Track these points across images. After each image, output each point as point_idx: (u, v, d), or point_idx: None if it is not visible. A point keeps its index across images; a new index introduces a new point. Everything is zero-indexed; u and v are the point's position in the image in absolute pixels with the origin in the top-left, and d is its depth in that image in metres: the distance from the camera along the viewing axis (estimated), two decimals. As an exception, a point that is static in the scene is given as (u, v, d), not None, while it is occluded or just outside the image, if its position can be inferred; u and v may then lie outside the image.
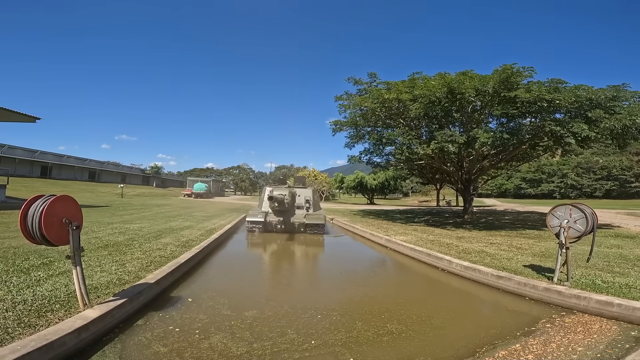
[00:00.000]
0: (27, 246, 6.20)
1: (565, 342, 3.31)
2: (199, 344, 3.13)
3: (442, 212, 23.96)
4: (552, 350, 3.15)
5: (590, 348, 3.17)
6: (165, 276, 4.89)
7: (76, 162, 50.97)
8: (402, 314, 4.08)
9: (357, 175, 43.60)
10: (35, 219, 3.03)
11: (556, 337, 3.45)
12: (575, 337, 3.44)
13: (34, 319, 3.03)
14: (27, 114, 16.06)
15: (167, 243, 7.45)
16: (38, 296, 3.59)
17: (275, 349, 3.07)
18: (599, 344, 3.25)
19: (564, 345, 3.23)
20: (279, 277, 6.51)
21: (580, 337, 3.46)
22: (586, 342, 3.32)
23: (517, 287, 5.06)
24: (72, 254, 3.24)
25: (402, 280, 6.47)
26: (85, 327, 3.00)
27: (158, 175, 65.93)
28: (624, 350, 3.11)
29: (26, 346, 2.56)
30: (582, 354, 3.04)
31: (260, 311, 4.04)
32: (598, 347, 3.17)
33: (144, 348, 3.06)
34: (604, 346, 3.20)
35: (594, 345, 3.24)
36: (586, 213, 4.60)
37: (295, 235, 11.03)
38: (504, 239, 9.69)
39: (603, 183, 58.00)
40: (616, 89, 10.95)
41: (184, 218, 13.78)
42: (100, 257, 5.62)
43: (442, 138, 10.85)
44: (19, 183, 28.89)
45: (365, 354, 3.02)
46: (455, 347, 3.20)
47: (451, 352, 3.11)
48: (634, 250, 7.89)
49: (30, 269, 4.70)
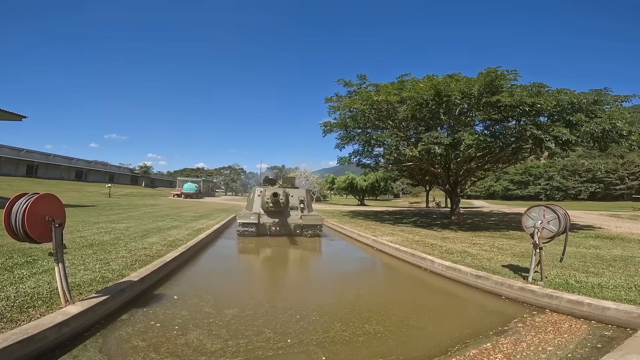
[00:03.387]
0: (11, 245, 6.15)
1: (535, 342, 3.40)
2: (176, 340, 3.22)
3: (431, 213, 24.30)
4: (522, 349, 3.23)
5: (560, 348, 3.25)
6: (150, 274, 4.94)
7: (63, 161, 50.11)
8: (381, 314, 4.16)
9: (347, 177, 43.82)
10: (19, 216, 3.08)
11: (527, 337, 3.55)
12: (545, 337, 3.53)
13: (15, 315, 3.07)
14: (14, 113, 15.83)
15: (153, 242, 7.45)
16: (20, 293, 3.63)
17: (250, 346, 3.13)
18: (569, 344, 3.33)
19: (534, 345, 3.33)
20: (264, 277, 6.59)
21: (550, 336, 3.55)
22: (556, 341, 3.41)
23: (495, 287, 5.19)
24: (54, 251, 3.29)
25: (385, 280, 6.61)
26: (66, 322, 3.06)
27: (147, 175, 65.16)
28: (594, 349, 3.17)
29: (7, 339, 2.63)
30: (551, 354, 3.12)
31: (241, 309, 4.11)
32: (568, 347, 3.26)
33: (123, 342, 3.13)
34: (574, 346, 3.29)
35: (564, 344, 3.32)
36: (559, 214, 4.78)
37: (287, 238, 10.60)
38: (487, 239, 9.92)
39: (588, 185, 59.53)
40: (598, 93, 11.29)
41: (172, 218, 13.72)
42: (85, 256, 5.61)
43: (429, 140, 11.05)
44: (4, 182, 28.33)
45: (338, 353, 3.10)
46: (428, 347, 3.27)
47: (423, 351, 3.19)
48: (612, 251, 8.11)
49: (14, 267, 4.70)
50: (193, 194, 42.87)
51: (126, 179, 60.86)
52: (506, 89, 10.75)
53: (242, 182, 74.94)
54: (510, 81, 11.36)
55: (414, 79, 13.12)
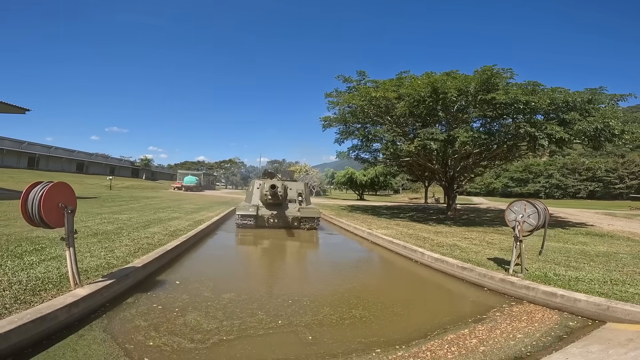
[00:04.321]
0: (19, 233, 6.45)
1: (508, 329, 3.62)
2: (175, 320, 3.51)
3: (428, 208, 24.58)
4: (495, 336, 3.45)
5: (528, 335, 3.47)
6: (152, 261, 5.23)
7: (64, 154, 50.38)
8: (369, 301, 4.44)
9: (347, 171, 44.07)
10: (35, 203, 3.32)
11: (502, 325, 3.76)
12: (518, 325, 3.75)
13: (29, 297, 3.31)
14: (17, 106, 16.03)
15: (155, 232, 7.75)
16: (32, 277, 3.87)
17: (243, 326, 3.42)
18: (537, 332, 3.55)
19: (507, 332, 3.54)
20: (260, 265, 6.88)
21: (523, 325, 3.77)
22: (527, 330, 3.63)
23: (478, 278, 5.45)
24: (66, 236, 3.55)
25: (376, 271, 6.90)
26: (75, 304, 3.32)
27: (148, 168, 65.43)
28: (557, 338, 3.40)
29: (22, 318, 2.84)
30: (519, 340, 3.34)
31: (237, 294, 4.41)
32: (535, 335, 3.47)
33: (127, 322, 3.41)
34: (540, 334, 3.50)
35: (533, 333, 3.54)
36: (538, 208, 5.03)
37: (285, 230, 10.85)
38: (479, 234, 10.18)
39: (587, 184, 59.68)
40: (593, 92, 11.46)
41: (172, 210, 14.02)
42: (90, 244, 5.90)
43: (425, 136, 11.28)
44: (5, 174, 28.61)
45: (324, 333, 3.37)
46: (408, 331, 3.51)
47: (404, 335, 3.42)
48: (598, 247, 8.31)
49: (24, 254, 4.95)
50: (193, 187, 43.23)
51: (127, 172, 61.15)
52: (502, 87, 10.94)
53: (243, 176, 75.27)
54: (506, 79, 11.54)
55: (412, 75, 13.30)
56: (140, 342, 3.00)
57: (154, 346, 2.93)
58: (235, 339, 3.16)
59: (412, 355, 2.94)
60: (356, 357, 2.89)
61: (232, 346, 3.01)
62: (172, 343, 3.00)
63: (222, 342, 3.08)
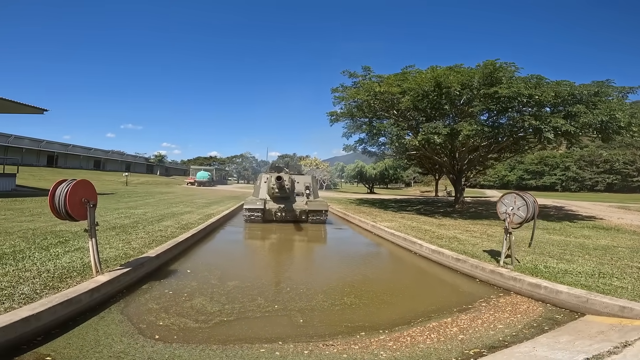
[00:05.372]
0: (44, 228, 7.03)
1: (490, 319, 3.74)
2: (183, 304, 3.94)
3: (437, 201, 24.58)
4: (476, 325, 3.58)
5: (509, 326, 3.57)
6: (165, 252, 5.73)
7: (82, 152, 52.22)
8: (361, 290, 4.73)
9: (357, 165, 44.24)
10: (61, 198, 3.77)
11: (485, 315, 3.87)
12: (501, 316, 3.85)
13: (56, 283, 3.75)
14: (35, 106, 16.80)
15: (168, 225, 8.28)
16: (58, 267, 4.33)
17: (242, 309, 3.82)
18: (519, 323, 3.64)
19: (488, 322, 3.66)
20: (265, 256, 7.29)
21: (505, 315, 3.87)
22: (508, 320, 3.73)
23: (471, 269, 5.66)
24: (89, 228, 4.01)
25: (374, 262, 7.15)
26: (97, 289, 3.77)
27: (162, 164, 67.03)
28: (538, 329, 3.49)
29: (52, 301, 3.26)
30: (499, 330, 3.45)
31: (241, 282, 4.83)
32: (516, 326, 3.57)
33: (141, 306, 3.86)
34: (522, 325, 3.60)
35: (514, 324, 3.64)
36: (528, 201, 5.17)
37: (292, 223, 10.98)
38: (482, 227, 10.30)
39: (605, 177, 57.89)
40: (599, 84, 11.36)
41: (185, 204, 14.63)
42: (109, 237, 6.44)
43: (428, 130, 11.43)
44: (26, 172, 29.88)
45: (314, 317, 3.71)
46: (393, 318, 3.73)
47: (388, 321, 3.64)
48: (599, 241, 8.23)
49: (49, 246, 5.46)
50: (206, 182, 44.22)
51: (142, 168, 62.87)
52: (506, 81, 10.95)
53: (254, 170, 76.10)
54: (512, 72, 11.52)
55: (417, 70, 13.38)
56: (152, 322, 3.41)
57: (164, 326, 3.34)
58: (235, 320, 3.55)
59: (393, 339, 3.22)
60: (341, 338, 3.21)
61: (231, 326, 3.39)
62: (180, 323, 3.41)
63: (223, 322, 3.48)
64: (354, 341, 3.17)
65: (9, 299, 3.19)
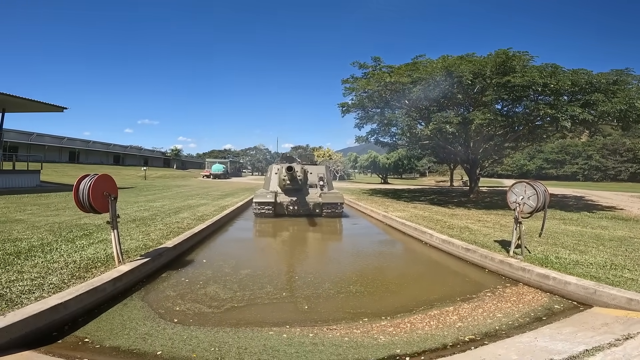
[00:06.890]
0: (69, 221, 7.45)
1: (492, 309, 3.74)
2: (198, 291, 4.22)
3: (451, 191, 24.32)
4: (477, 314, 3.60)
5: (508, 315, 3.57)
6: (181, 242, 6.03)
7: (102, 147, 53.97)
8: (367, 279, 4.85)
9: (370, 155, 44.01)
10: (85, 192, 4.03)
11: (487, 305, 3.87)
12: (503, 306, 3.84)
13: (82, 273, 4.03)
14: (56, 105, 17.45)
15: (184, 217, 8.63)
16: (84, 258, 4.62)
17: (252, 296, 4.05)
18: (518, 313, 3.62)
19: (489, 311, 3.67)
20: (277, 247, 7.48)
21: (508, 305, 3.86)
22: (509, 310, 3.71)
23: (480, 259, 5.62)
24: (111, 220, 4.29)
25: (384, 251, 7.20)
26: (119, 278, 4.04)
27: (178, 158, 68.46)
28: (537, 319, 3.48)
29: (78, 290, 3.50)
30: (497, 319, 3.47)
31: (253, 270, 5.07)
32: (515, 316, 3.55)
33: (159, 293, 4.14)
34: (520, 315, 3.57)
35: (513, 313, 3.63)
36: (538, 190, 5.08)
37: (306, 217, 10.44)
38: (496, 217, 10.16)
39: (629, 165, 55.56)
40: (618, 72, 10.96)
41: (200, 197, 15.06)
42: (130, 229, 6.79)
43: (439, 119, 11.32)
44: (49, 168, 31.08)
45: (319, 304, 3.88)
46: (395, 306, 3.81)
47: (390, 308, 3.73)
48: (616, 232, 7.97)
49: (75, 239, 5.80)
50: (221, 175, 44.94)
51: (159, 162, 64.44)
52: (519, 70, 10.69)
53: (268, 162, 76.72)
54: (526, 61, 11.22)
55: (428, 59, 13.18)
56: (169, 307, 3.68)
57: (180, 311, 3.61)
58: (245, 306, 3.78)
59: (394, 325, 3.35)
60: (344, 323, 3.37)
61: (241, 312, 3.63)
62: (194, 308, 3.67)
63: (234, 308, 3.72)
64: (356, 326, 3.31)
65: (39, 288, 3.46)
